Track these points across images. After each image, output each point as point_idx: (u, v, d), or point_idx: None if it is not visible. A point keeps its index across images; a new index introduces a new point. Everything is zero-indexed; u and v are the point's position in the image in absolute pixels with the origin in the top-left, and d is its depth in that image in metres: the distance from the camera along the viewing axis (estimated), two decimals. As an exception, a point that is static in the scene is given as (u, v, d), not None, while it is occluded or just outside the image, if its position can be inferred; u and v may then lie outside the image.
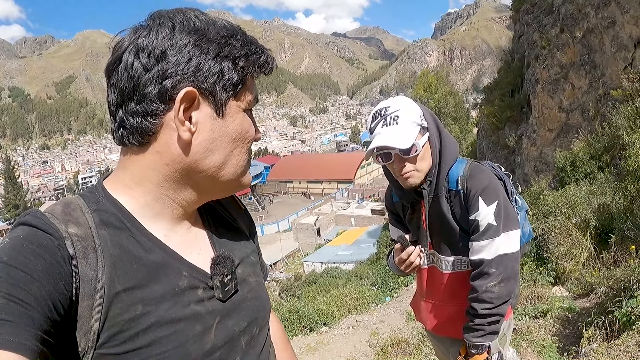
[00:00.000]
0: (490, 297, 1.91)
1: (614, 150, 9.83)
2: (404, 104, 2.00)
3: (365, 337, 8.34)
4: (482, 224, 1.94)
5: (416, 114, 1.98)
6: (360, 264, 22.05)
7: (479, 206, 1.95)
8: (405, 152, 1.96)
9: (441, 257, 2.17)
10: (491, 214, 1.94)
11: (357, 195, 57.72)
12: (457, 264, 2.14)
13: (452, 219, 2.06)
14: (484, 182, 1.98)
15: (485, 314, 1.93)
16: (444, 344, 2.44)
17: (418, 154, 1.98)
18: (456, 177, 2.02)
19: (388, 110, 1.98)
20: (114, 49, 0.94)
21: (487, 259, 1.93)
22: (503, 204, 1.97)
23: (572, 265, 6.65)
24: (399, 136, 1.93)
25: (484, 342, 1.97)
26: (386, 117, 1.97)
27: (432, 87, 39.89)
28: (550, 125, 15.26)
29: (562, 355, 4.54)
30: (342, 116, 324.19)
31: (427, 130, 2.02)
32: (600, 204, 7.37)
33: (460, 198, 2.01)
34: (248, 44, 0.97)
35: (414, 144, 1.95)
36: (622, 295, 4.32)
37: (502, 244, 1.93)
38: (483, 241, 1.94)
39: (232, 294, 1.05)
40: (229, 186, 1.06)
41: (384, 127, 1.96)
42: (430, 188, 2.07)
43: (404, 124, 1.94)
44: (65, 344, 0.81)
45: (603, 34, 11.83)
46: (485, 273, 1.93)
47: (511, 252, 1.95)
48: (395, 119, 1.95)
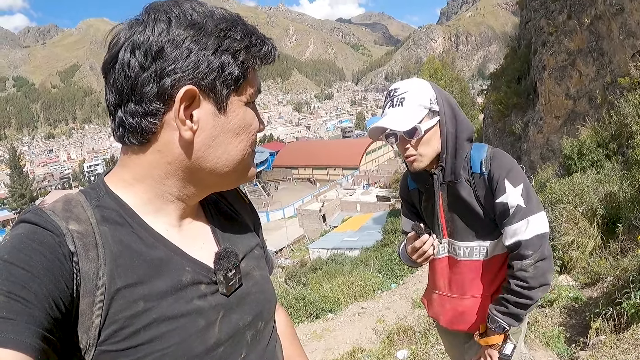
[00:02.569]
0: (524, 276, 1.89)
1: (621, 138, 9.76)
2: (415, 86, 1.99)
3: (371, 324, 8.36)
4: (511, 205, 1.92)
5: (426, 96, 1.96)
6: (365, 250, 22.09)
7: (506, 188, 1.92)
8: (408, 135, 1.95)
9: (459, 244, 2.12)
10: (519, 196, 1.91)
11: (362, 182, 57.85)
12: (475, 251, 2.10)
13: (475, 202, 2.03)
14: (508, 165, 1.96)
15: (516, 291, 1.91)
16: (459, 340, 2.39)
17: (421, 137, 1.96)
18: (479, 160, 2.00)
19: (397, 92, 1.98)
20: (110, 46, 0.91)
21: (524, 239, 1.90)
22: (528, 186, 1.95)
23: (579, 254, 6.62)
24: (401, 118, 1.92)
25: (503, 320, 1.95)
26: (394, 98, 1.97)
27: (438, 73, 39.69)
28: (557, 112, 15.21)
29: (569, 346, 4.53)
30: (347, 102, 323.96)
31: (438, 114, 1.99)
32: (607, 192, 7.33)
33: (485, 180, 1.98)
34: (248, 36, 0.94)
35: (416, 127, 1.93)
36: (630, 287, 4.30)
37: (536, 224, 1.91)
38: (516, 223, 1.92)
39: (236, 289, 1.04)
40: (233, 180, 1.05)
41: (390, 109, 1.97)
42: (442, 173, 2.05)
43: (409, 106, 1.93)
44: (67, 341, 0.81)
45: (611, 21, 11.72)
46: (523, 254, 1.91)
47: (545, 232, 1.93)
48: (401, 101, 1.94)
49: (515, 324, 1.98)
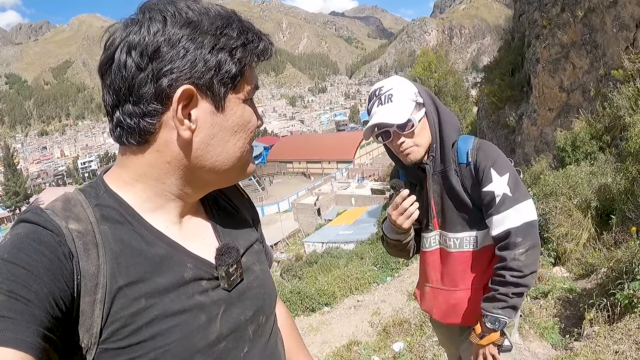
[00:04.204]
0: (519, 266, 1.90)
1: (615, 130, 9.78)
2: (397, 82, 2.05)
3: (367, 317, 8.39)
4: (497, 194, 1.94)
5: (410, 90, 2.02)
6: (360, 243, 22.06)
7: (492, 177, 1.95)
8: (401, 128, 1.99)
9: (450, 235, 2.14)
10: (505, 184, 1.94)
11: (357, 175, 57.87)
12: (465, 242, 2.11)
13: (462, 192, 2.05)
14: (494, 155, 2.00)
15: (513, 282, 1.91)
16: (452, 333, 2.39)
17: (415, 128, 2.01)
18: (465, 151, 2.04)
19: (382, 90, 2.04)
20: (106, 47, 0.91)
21: (514, 227, 1.92)
22: (515, 175, 1.98)
23: (573, 245, 6.66)
24: (394, 112, 1.97)
25: (503, 315, 1.95)
26: (381, 97, 2.03)
27: (432, 66, 39.59)
28: (551, 105, 15.22)
29: (564, 337, 4.57)
30: (341, 96, 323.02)
31: (423, 105, 2.05)
32: (601, 184, 7.36)
33: (471, 170, 2.01)
34: (245, 33, 0.94)
35: (410, 119, 1.98)
36: (623, 278, 4.33)
37: (525, 212, 1.93)
38: (504, 212, 1.93)
39: (237, 283, 1.05)
40: (232, 177, 1.05)
41: (380, 106, 2.02)
42: (433, 164, 2.09)
43: (398, 100, 1.99)
44: (68, 340, 0.81)
45: (604, 14, 11.71)
46: (513, 243, 1.92)
47: (534, 220, 1.95)
48: (390, 97, 2.00)
49: (513, 314, 1.98)
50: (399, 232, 2.17)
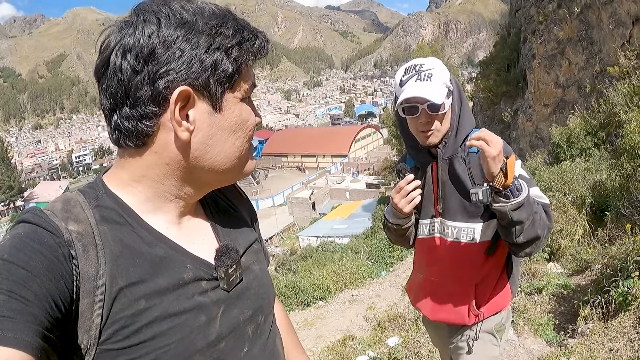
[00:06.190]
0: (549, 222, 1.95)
1: (610, 127, 9.83)
2: (438, 64, 2.02)
3: (362, 311, 8.42)
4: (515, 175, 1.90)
5: (447, 76, 2.00)
6: (355, 237, 22.14)
7: None
8: (434, 108, 1.97)
9: (449, 223, 2.13)
10: (520, 167, 1.96)
11: (351, 169, 57.79)
12: (463, 232, 2.11)
13: (468, 180, 2.05)
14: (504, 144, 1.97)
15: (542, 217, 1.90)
16: (442, 332, 2.39)
17: (445, 112, 2.01)
18: None
19: (423, 67, 2.00)
20: (101, 50, 0.90)
21: (547, 202, 1.97)
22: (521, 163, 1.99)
23: (567, 241, 6.69)
24: (433, 91, 1.94)
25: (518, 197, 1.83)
26: (420, 73, 1.98)
27: (428, 60, 39.65)
28: (546, 100, 15.28)
29: (558, 333, 4.59)
30: (337, 90, 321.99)
31: (452, 94, 2.05)
32: (595, 181, 7.40)
33: (478, 159, 2.00)
34: (240, 31, 0.93)
35: (444, 102, 1.97)
36: (618, 275, 4.35)
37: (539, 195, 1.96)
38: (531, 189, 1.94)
39: (237, 284, 1.05)
40: (232, 177, 1.05)
41: (418, 82, 1.97)
42: (444, 150, 2.09)
43: (437, 81, 1.96)
44: (67, 341, 0.81)
45: (601, 10, 11.75)
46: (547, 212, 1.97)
47: (548, 203, 1.98)
48: (430, 76, 1.96)
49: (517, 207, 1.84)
50: (399, 217, 2.16)
